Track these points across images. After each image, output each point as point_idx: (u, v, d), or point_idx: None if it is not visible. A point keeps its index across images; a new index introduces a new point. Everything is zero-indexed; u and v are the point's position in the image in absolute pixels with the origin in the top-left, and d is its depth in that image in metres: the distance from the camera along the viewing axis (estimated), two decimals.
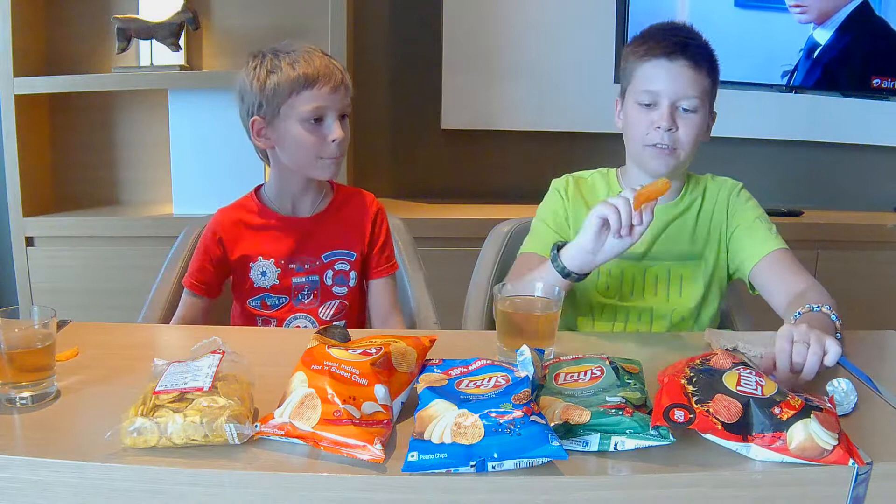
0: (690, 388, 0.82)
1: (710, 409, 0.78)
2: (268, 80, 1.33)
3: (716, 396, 0.79)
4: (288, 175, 1.41)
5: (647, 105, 1.29)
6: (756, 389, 0.80)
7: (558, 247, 1.19)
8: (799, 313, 1.13)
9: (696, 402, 0.79)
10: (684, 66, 1.27)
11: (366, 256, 1.46)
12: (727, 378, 0.82)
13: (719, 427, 0.77)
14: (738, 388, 0.80)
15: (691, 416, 0.77)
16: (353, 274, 1.44)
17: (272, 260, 1.41)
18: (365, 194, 1.50)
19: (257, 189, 1.47)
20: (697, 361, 0.88)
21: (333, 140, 1.34)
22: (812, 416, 0.76)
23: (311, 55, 1.35)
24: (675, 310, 1.35)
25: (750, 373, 0.83)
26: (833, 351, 0.94)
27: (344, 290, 1.44)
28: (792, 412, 0.76)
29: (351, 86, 1.38)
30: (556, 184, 1.44)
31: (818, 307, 1.13)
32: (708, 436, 0.78)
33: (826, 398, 0.85)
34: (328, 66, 1.35)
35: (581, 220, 1.22)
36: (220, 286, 1.46)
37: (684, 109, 1.28)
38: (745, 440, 0.77)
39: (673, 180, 1.33)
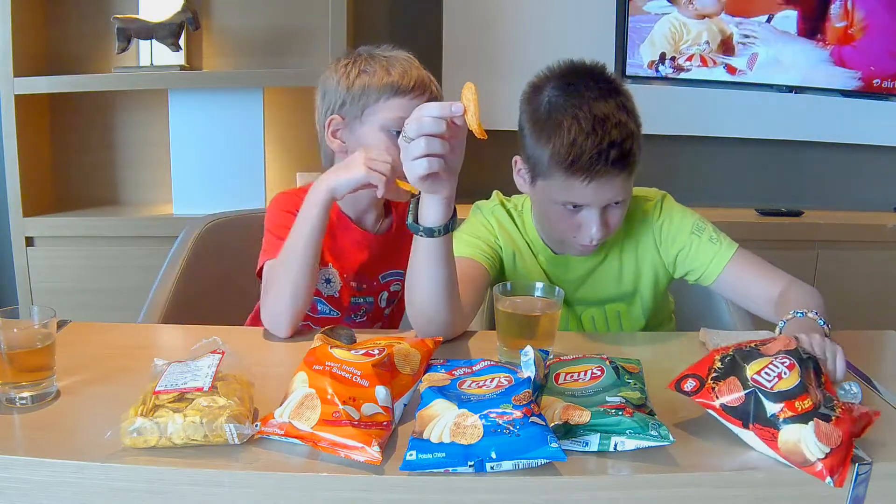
0: (718, 364, 0.82)
1: (716, 388, 0.79)
2: (358, 80, 1.27)
3: (729, 378, 0.80)
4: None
5: (573, 208, 1.15)
6: (768, 382, 0.79)
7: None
8: (784, 322, 1.05)
9: (712, 379, 0.80)
10: (615, 176, 1.11)
11: None
12: (754, 364, 0.81)
13: (717, 406, 0.78)
14: (755, 376, 0.80)
15: (699, 387, 0.77)
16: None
17: (337, 272, 1.32)
18: None
19: None
20: (755, 343, 0.86)
21: None
22: (812, 423, 0.75)
23: (408, 64, 1.29)
24: None
25: (780, 364, 0.81)
26: (840, 367, 0.92)
27: (390, 311, 1.41)
28: (792, 413, 0.76)
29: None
30: (483, 208, 1.34)
31: (802, 313, 1.05)
32: (711, 411, 0.79)
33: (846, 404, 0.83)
34: (423, 79, 1.29)
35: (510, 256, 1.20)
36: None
37: (615, 204, 1.15)
38: (746, 427, 0.77)
39: None
